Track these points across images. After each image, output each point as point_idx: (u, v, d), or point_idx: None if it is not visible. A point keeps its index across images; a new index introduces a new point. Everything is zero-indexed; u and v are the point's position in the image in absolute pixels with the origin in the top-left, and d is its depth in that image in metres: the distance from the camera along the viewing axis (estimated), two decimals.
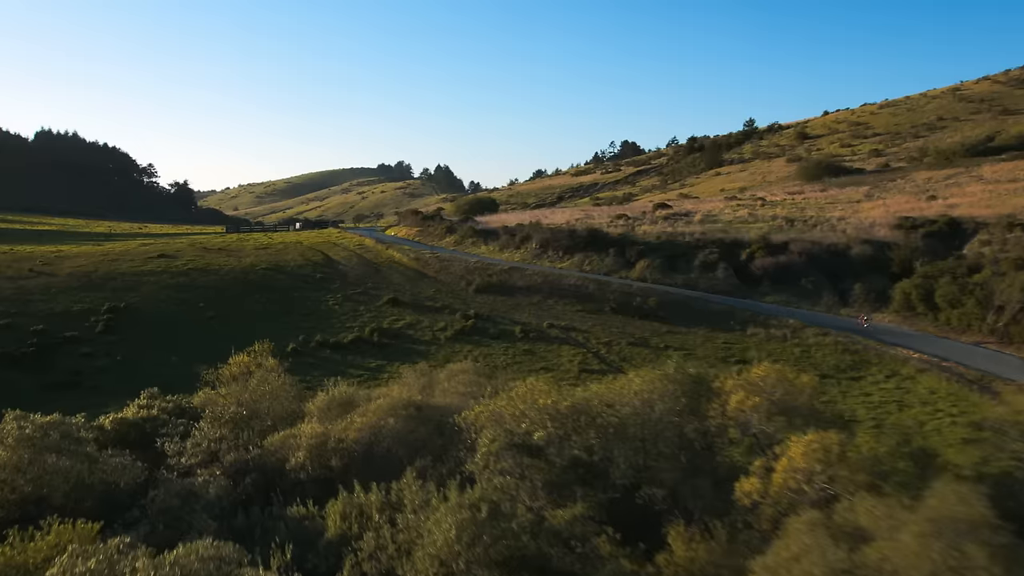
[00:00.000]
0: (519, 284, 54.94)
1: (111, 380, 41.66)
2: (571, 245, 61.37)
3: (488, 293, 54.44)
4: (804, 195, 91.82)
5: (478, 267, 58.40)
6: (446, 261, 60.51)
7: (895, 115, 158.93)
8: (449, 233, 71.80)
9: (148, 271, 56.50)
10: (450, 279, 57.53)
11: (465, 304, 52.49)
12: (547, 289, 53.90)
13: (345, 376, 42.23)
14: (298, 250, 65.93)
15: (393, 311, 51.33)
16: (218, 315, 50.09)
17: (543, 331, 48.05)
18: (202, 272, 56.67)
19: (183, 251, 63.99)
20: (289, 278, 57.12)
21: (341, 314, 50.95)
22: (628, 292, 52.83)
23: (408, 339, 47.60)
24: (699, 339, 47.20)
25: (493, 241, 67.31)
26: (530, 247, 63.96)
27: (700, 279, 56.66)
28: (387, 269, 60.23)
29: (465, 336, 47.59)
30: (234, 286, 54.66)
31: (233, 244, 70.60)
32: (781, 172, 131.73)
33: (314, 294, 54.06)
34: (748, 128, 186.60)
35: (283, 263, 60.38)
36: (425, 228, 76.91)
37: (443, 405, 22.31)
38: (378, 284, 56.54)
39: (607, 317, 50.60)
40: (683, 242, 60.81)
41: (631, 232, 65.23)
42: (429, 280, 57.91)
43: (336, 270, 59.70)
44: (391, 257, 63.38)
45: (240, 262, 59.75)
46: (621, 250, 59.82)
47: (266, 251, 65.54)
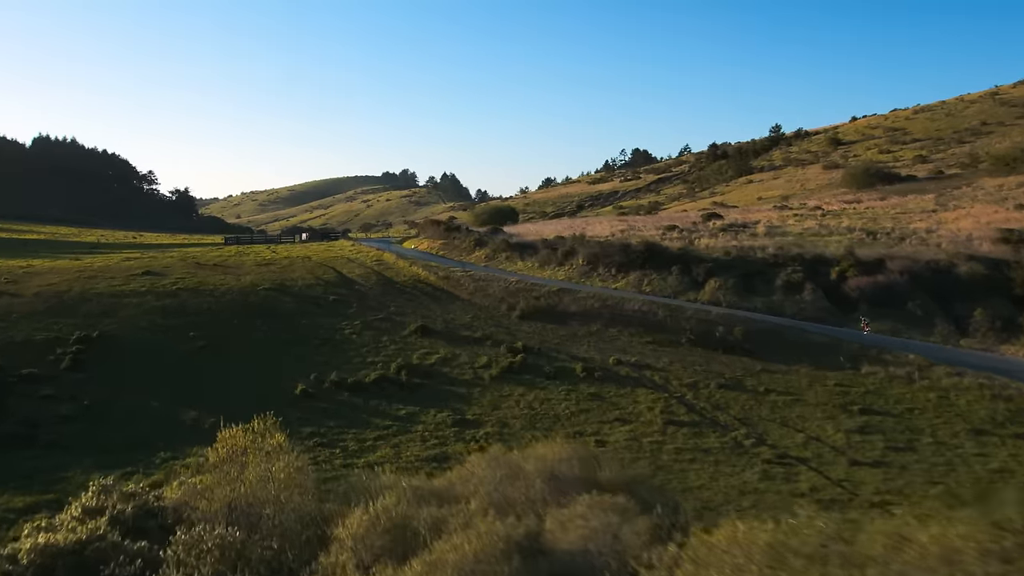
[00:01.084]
0: (572, 309, 46.01)
1: (75, 433, 32.91)
2: (625, 262, 52.51)
3: (535, 320, 45.51)
4: (863, 204, 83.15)
5: (520, 288, 49.41)
6: (481, 280, 51.53)
7: (933, 120, 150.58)
8: (478, 246, 62.90)
9: (130, 291, 47.62)
10: (488, 302, 48.59)
11: (509, 334, 43.60)
12: (607, 315, 44.96)
13: (368, 427, 33.74)
14: (306, 266, 57.05)
15: (423, 342, 42.45)
16: (211, 346, 41.21)
17: (610, 369, 39.16)
18: (193, 293, 47.78)
19: (172, 267, 55.09)
20: (296, 300, 48.23)
21: (360, 345, 42.08)
22: (706, 320, 43.86)
23: (443, 378, 38.76)
24: (803, 380, 38.28)
25: (530, 256, 58.43)
26: (576, 263, 55.08)
27: (784, 302, 47.73)
28: (412, 290, 51.32)
29: (514, 375, 38.71)
30: (231, 310, 45.78)
31: (231, 259, 61.68)
32: (820, 179, 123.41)
33: (327, 320, 45.16)
34: (775, 134, 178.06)
35: (289, 282, 51.47)
36: (450, 240, 67.96)
37: (567, 545, 13.21)
38: (403, 308, 47.62)
39: (685, 351, 41.68)
40: (756, 258, 51.91)
41: (691, 246, 56.36)
42: (463, 303, 48.98)
43: (352, 291, 50.76)
44: (415, 275, 54.43)
45: (239, 281, 50.84)
46: (686, 268, 50.94)
47: (269, 267, 56.64)
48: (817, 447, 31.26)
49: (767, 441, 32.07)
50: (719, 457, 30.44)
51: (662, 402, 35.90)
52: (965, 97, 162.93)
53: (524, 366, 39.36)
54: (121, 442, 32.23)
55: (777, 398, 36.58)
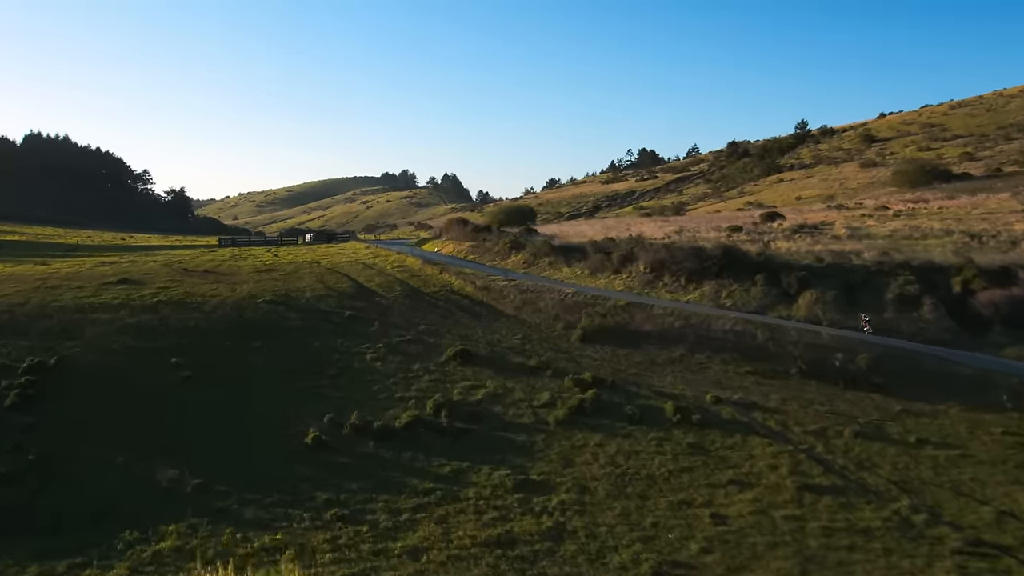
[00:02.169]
0: (646, 328, 37.24)
1: (13, 502, 24.77)
2: (698, 269, 43.77)
3: (601, 342, 36.75)
4: (932, 203, 74.47)
5: (579, 302, 40.54)
6: (529, 292, 42.64)
7: (973, 116, 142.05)
8: (514, 250, 54.03)
9: (100, 304, 38.89)
10: (540, 319, 39.80)
11: (572, 361, 34.87)
12: (691, 337, 36.20)
13: (403, 491, 25.40)
14: (314, 273, 48.18)
15: (465, 372, 33.77)
16: (197, 376, 32.57)
17: (709, 409, 30.45)
18: (178, 307, 39.00)
19: (154, 274, 46.20)
20: (304, 316, 39.45)
21: (386, 376, 33.38)
22: (817, 344, 35.09)
23: (495, 421, 30.13)
24: (960, 426, 29.59)
25: (578, 261, 49.60)
26: (635, 271, 46.32)
27: (899, 320, 38.97)
28: (444, 303, 42.48)
29: (586, 417, 30.05)
30: (223, 329, 37.08)
31: (224, 264, 52.69)
32: (860, 177, 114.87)
33: (343, 342, 36.41)
34: (800, 131, 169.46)
35: (295, 293, 42.66)
36: (479, 243, 58.97)
37: None
38: (435, 326, 38.83)
39: (796, 385, 32.95)
40: (855, 266, 43.18)
41: (769, 251, 47.64)
42: (509, 321, 40.19)
43: (372, 304, 41.90)
44: (447, 284, 45.54)
45: (233, 291, 42.04)
46: (772, 277, 42.22)
47: (270, 275, 47.74)
48: (1017, 527, 22.60)
49: (944, 517, 23.46)
50: (886, 543, 21.87)
51: (787, 457, 27.30)
52: (1004, 92, 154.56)
53: (598, 405, 30.67)
54: (75, 513, 24.02)
55: (936, 452, 27.93)
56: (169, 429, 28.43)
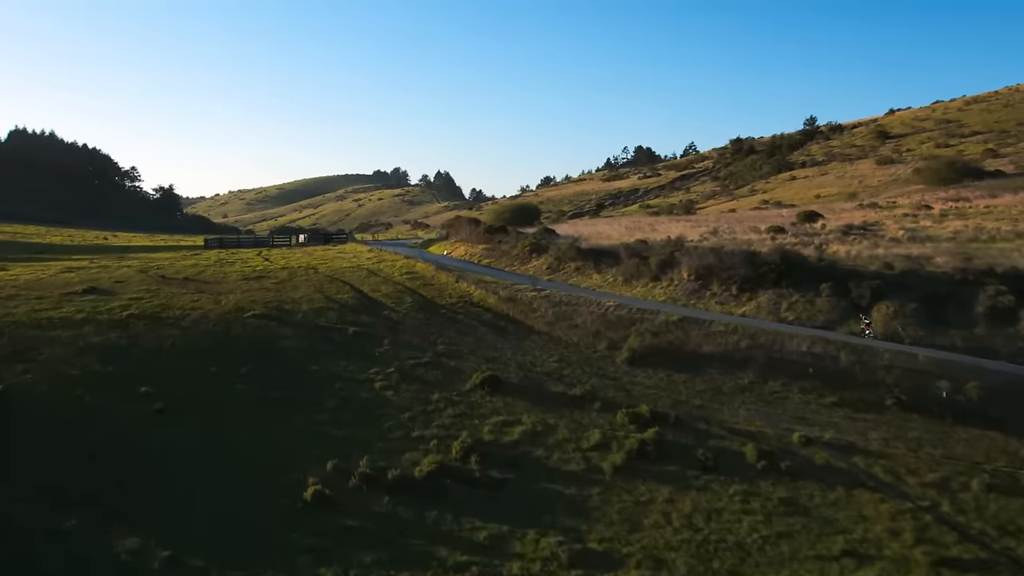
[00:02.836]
0: (706, 349, 31.55)
1: None
2: (752, 276, 38.18)
3: (653, 366, 31.05)
4: (977, 202, 69.05)
5: (623, 316, 34.76)
6: (562, 304, 36.77)
7: (990, 111, 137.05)
8: (535, 253, 48.18)
9: (61, 319, 32.97)
10: (578, 337, 34.04)
11: (622, 389, 29.21)
12: (761, 359, 30.53)
13: (429, 565, 20.46)
14: (312, 281, 42.25)
15: (495, 404, 28.09)
16: (172, 408, 26.84)
17: (797, 453, 24.91)
18: (152, 323, 33.14)
19: (127, 283, 40.21)
20: (301, 334, 33.60)
21: (399, 409, 27.65)
22: (915, 369, 29.43)
23: (536, 467, 24.52)
24: None
25: (609, 267, 43.86)
26: (677, 278, 40.67)
27: (993, 338, 33.34)
28: (464, 316, 36.65)
29: (649, 463, 24.49)
30: (204, 350, 31.26)
31: (209, 270, 46.60)
32: (879, 175, 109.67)
33: (347, 366, 30.62)
34: (809, 128, 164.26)
35: (290, 305, 36.80)
36: (495, 246, 53.00)
37: None
38: (456, 345, 33.04)
39: (896, 419, 27.34)
40: (934, 274, 37.67)
41: (828, 255, 42.09)
42: (541, 338, 34.40)
43: (380, 318, 36.03)
44: (466, 294, 39.67)
45: (218, 304, 36.16)
46: (840, 286, 36.68)
47: (260, 282, 41.77)
48: None
49: None
50: None
51: (908, 519, 21.85)
52: (1020, 87, 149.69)
53: (662, 447, 25.07)
54: None
55: None
56: (133, 481, 22.71)
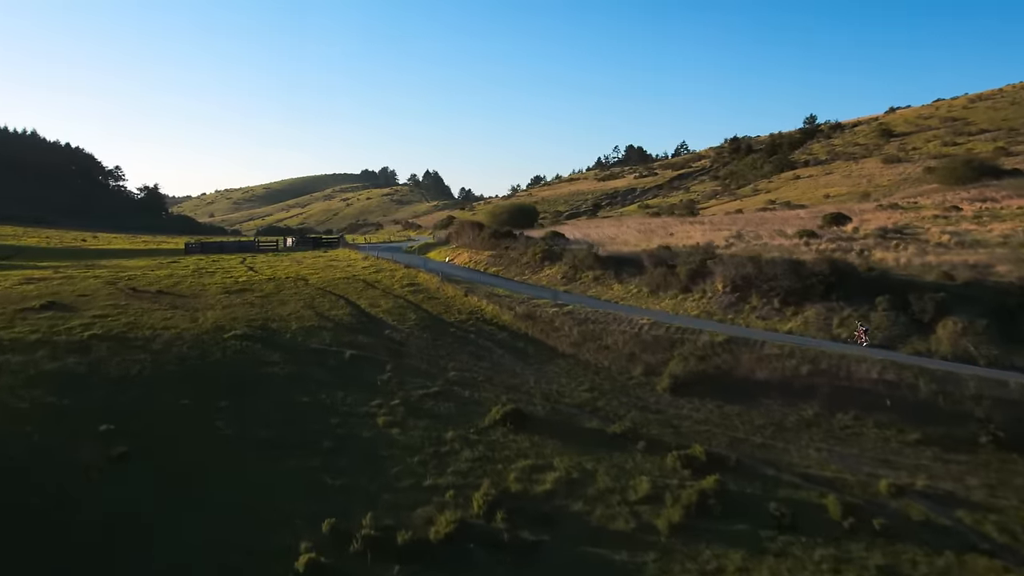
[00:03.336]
0: (759, 376, 27.28)
1: None
2: (798, 288, 33.99)
3: (699, 395, 26.75)
4: (1000, 202, 65.17)
5: (659, 337, 30.36)
6: (588, 322, 32.28)
7: (996, 109, 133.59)
8: (548, 261, 43.76)
9: (12, 341, 28.46)
10: (608, 360, 29.70)
11: (666, 423, 24.91)
12: (825, 388, 26.27)
13: None
14: (302, 295, 37.71)
15: (520, 443, 23.75)
16: (137, 450, 22.50)
17: (886, 505, 20.68)
18: (118, 345, 28.63)
19: (93, 296, 35.59)
20: (290, 359, 29.10)
21: (407, 450, 23.27)
22: (1007, 400, 25.23)
23: (577, 526, 20.20)
24: None
25: (631, 276, 39.57)
26: (711, 289, 36.43)
27: None
28: (476, 335, 32.21)
29: (712, 520, 20.16)
30: (177, 378, 26.79)
31: (186, 281, 41.89)
32: (888, 173, 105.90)
33: (344, 397, 26.21)
34: (809, 126, 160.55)
35: (277, 324, 32.27)
36: (502, 252, 48.37)
37: None
38: (469, 372, 28.63)
39: (995, 461, 23.10)
40: (1003, 284, 33.58)
41: (871, 263, 37.98)
42: (566, 362, 30.04)
43: (380, 339, 31.52)
44: (477, 310, 35.19)
45: (195, 322, 31.63)
46: (898, 300, 32.54)
47: (243, 296, 37.22)
48: None
49: None
50: None
51: None
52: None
53: (724, 499, 20.78)
54: None
55: None
56: (82, 551, 18.36)
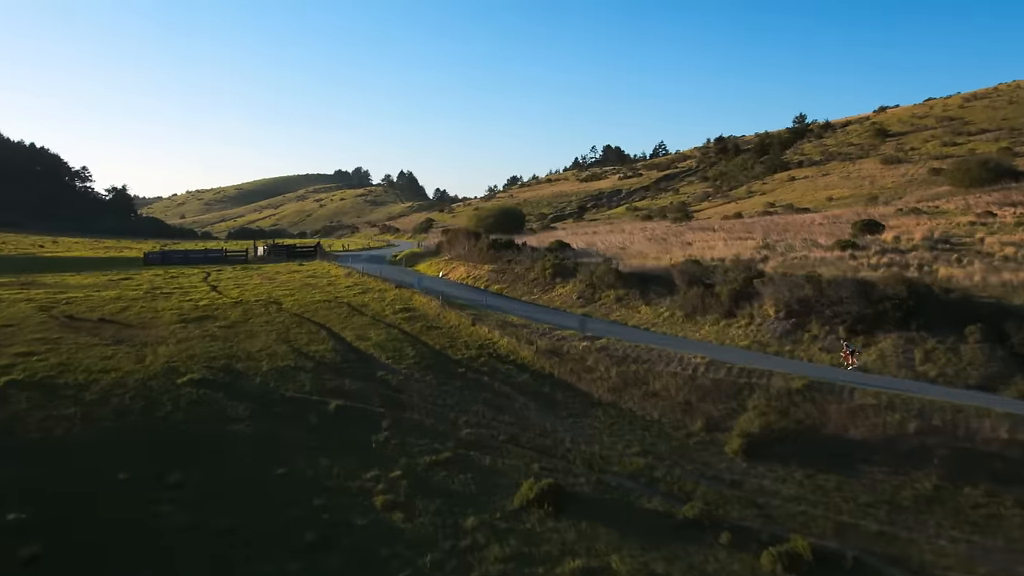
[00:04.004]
0: (854, 435, 21.67)
1: None
2: (867, 314, 28.58)
3: (781, 459, 21.10)
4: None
5: (719, 381, 24.59)
6: (629, 361, 26.37)
7: (994, 108, 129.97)
8: (560, 278, 37.75)
9: None
10: (657, 410, 23.95)
11: (747, 501, 19.20)
12: (942, 452, 20.72)
13: None
14: (275, 325, 31.53)
15: (563, 533, 17.95)
16: (52, 554, 16.41)
17: None
18: (42, 395, 22.46)
19: (20, 326, 29.13)
20: (260, 411, 23.01)
21: (415, 544, 17.36)
22: None
23: None
24: None
25: (661, 297, 33.90)
26: (759, 314, 30.91)
27: None
28: (491, 378, 26.26)
29: None
30: (114, 439, 20.72)
31: (137, 305, 35.44)
32: (889, 175, 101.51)
33: (330, 465, 20.19)
34: (799, 125, 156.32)
35: (243, 363, 26.12)
36: (504, 266, 42.04)
37: None
38: (487, 427, 22.78)
39: None
40: None
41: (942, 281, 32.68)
42: (604, 412, 24.24)
43: (373, 383, 25.46)
44: (488, 343, 29.11)
45: (141, 362, 25.44)
46: (992, 329, 27.22)
47: (203, 326, 30.95)
48: None
49: None
50: None
51: None
52: (1022, 83, 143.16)
53: None
54: None
55: None
56: None
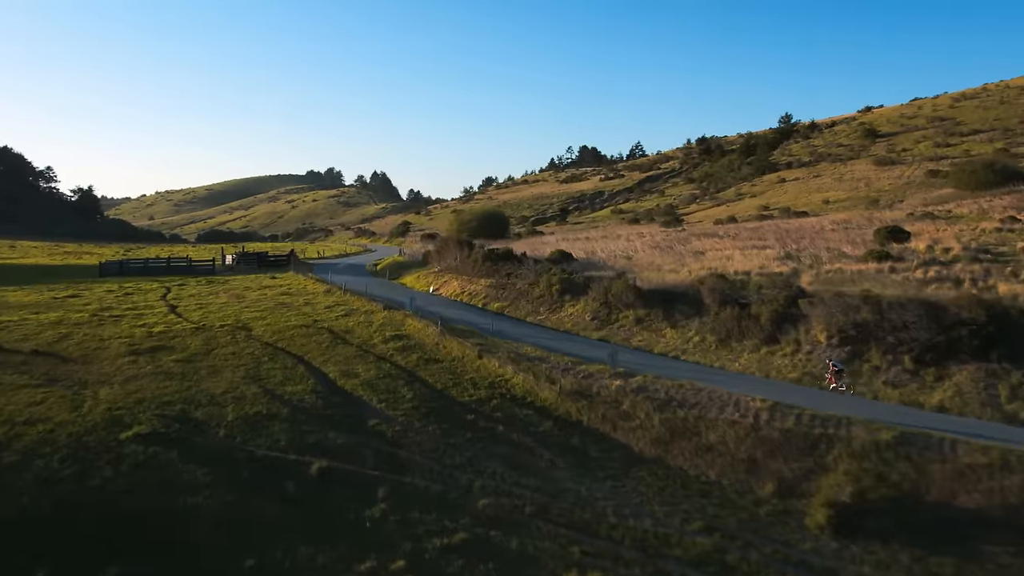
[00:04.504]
0: (965, 503, 17.36)
1: None
2: (938, 342, 24.50)
3: (880, 535, 16.89)
4: None
5: (789, 433, 20.17)
6: (672, 405, 21.79)
7: (986, 108, 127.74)
8: (570, 295, 33.17)
9: None
10: (715, 470, 19.46)
11: None
12: None
13: None
14: (243, 356, 26.72)
15: None
16: None
17: None
18: None
19: None
20: (223, 477, 18.25)
21: None
22: None
23: None
24: None
25: (687, 318, 29.61)
26: (807, 340, 26.70)
27: None
28: (508, 427, 21.37)
29: None
30: (36, 524, 15.89)
31: (80, 330, 30.28)
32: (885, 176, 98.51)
33: (313, 555, 15.53)
34: (785, 125, 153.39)
35: (203, 409, 21.33)
36: (504, 281, 36.99)
37: None
38: (510, 496, 18.30)
39: None
40: None
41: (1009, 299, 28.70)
42: (649, 470, 19.73)
43: (364, 435, 20.76)
44: (500, 381, 24.36)
45: (78, 409, 20.57)
46: None
47: (156, 359, 26.04)
48: None
49: None
50: None
51: None
52: (1011, 83, 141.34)
53: None
54: None
55: None
56: None
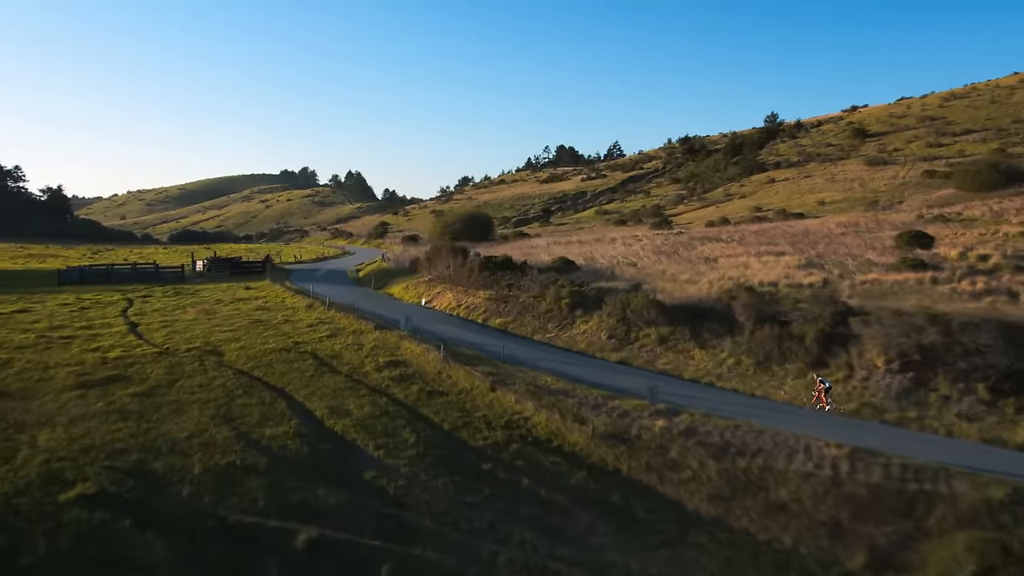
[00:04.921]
0: None
1: None
2: (1017, 369, 21.38)
3: None
4: None
5: (878, 489, 16.75)
6: (731, 453, 18.05)
7: (976, 108, 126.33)
8: (581, 310, 29.70)
9: None
10: (790, 534, 15.99)
11: None
12: None
13: None
14: (212, 389, 22.68)
15: None
16: None
17: None
18: None
19: None
20: (185, 555, 14.44)
21: None
22: None
23: None
24: None
25: (717, 337, 26.26)
26: (862, 364, 23.49)
27: None
28: (533, 479, 17.69)
29: None
30: None
31: (21, 358, 26.01)
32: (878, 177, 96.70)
33: None
34: (771, 125, 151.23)
35: (163, 459, 17.56)
36: (505, 293, 32.54)
37: None
38: (544, 572, 14.84)
39: None
40: None
41: None
42: (708, 534, 16.02)
43: (360, 493, 17.04)
44: (519, 420, 20.39)
45: (10, 460, 16.63)
46: None
47: (109, 393, 22.02)
48: None
49: None
50: None
51: None
52: (1000, 82, 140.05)
53: None
54: None
55: None
56: None
